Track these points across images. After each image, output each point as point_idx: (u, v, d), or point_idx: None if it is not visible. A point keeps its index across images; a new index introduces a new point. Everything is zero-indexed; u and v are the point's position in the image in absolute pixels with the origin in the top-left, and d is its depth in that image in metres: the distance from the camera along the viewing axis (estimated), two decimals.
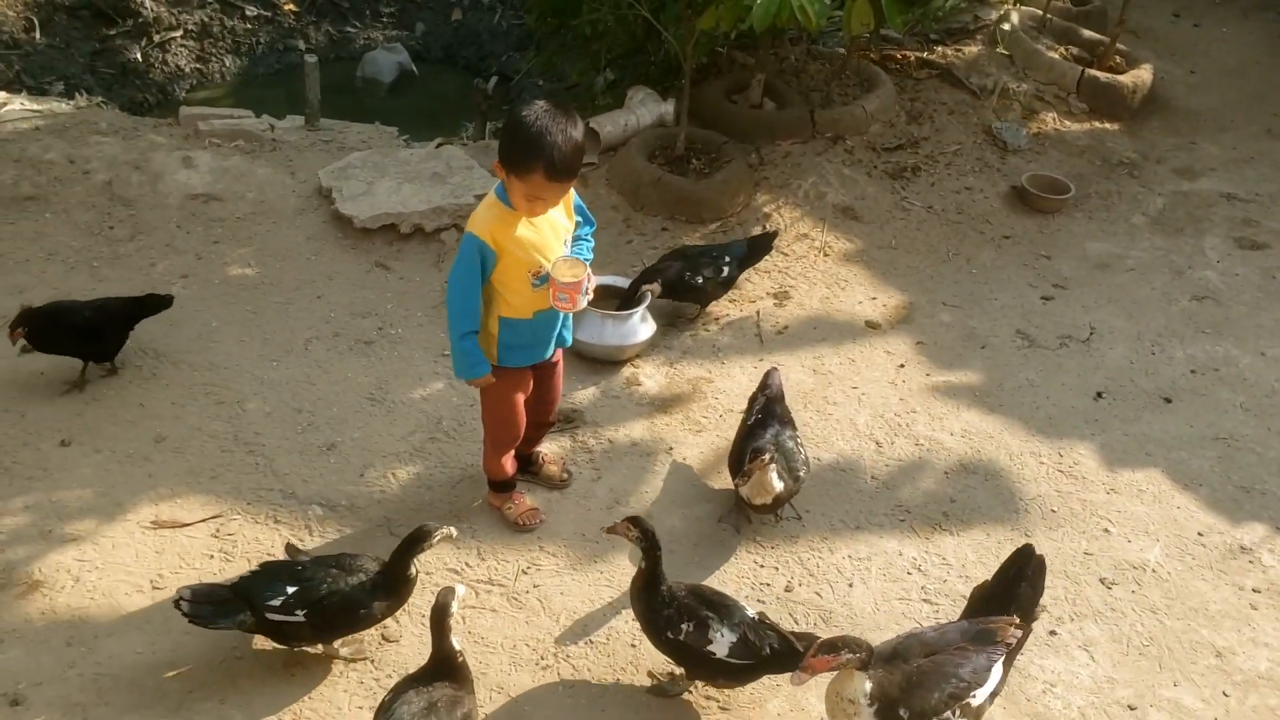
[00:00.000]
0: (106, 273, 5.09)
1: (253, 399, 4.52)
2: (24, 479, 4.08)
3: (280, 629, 3.42)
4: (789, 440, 4.07)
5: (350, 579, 3.43)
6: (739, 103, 6.44)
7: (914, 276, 5.72)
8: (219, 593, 3.43)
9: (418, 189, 5.55)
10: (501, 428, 3.98)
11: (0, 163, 5.52)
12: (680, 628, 3.39)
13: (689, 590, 3.49)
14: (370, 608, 3.44)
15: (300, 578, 3.41)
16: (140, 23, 9.67)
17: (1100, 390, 5.06)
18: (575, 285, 3.56)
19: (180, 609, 3.36)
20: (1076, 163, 6.76)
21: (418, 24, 10.82)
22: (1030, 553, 3.43)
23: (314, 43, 10.35)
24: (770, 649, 3.38)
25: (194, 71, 9.76)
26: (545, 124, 3.36)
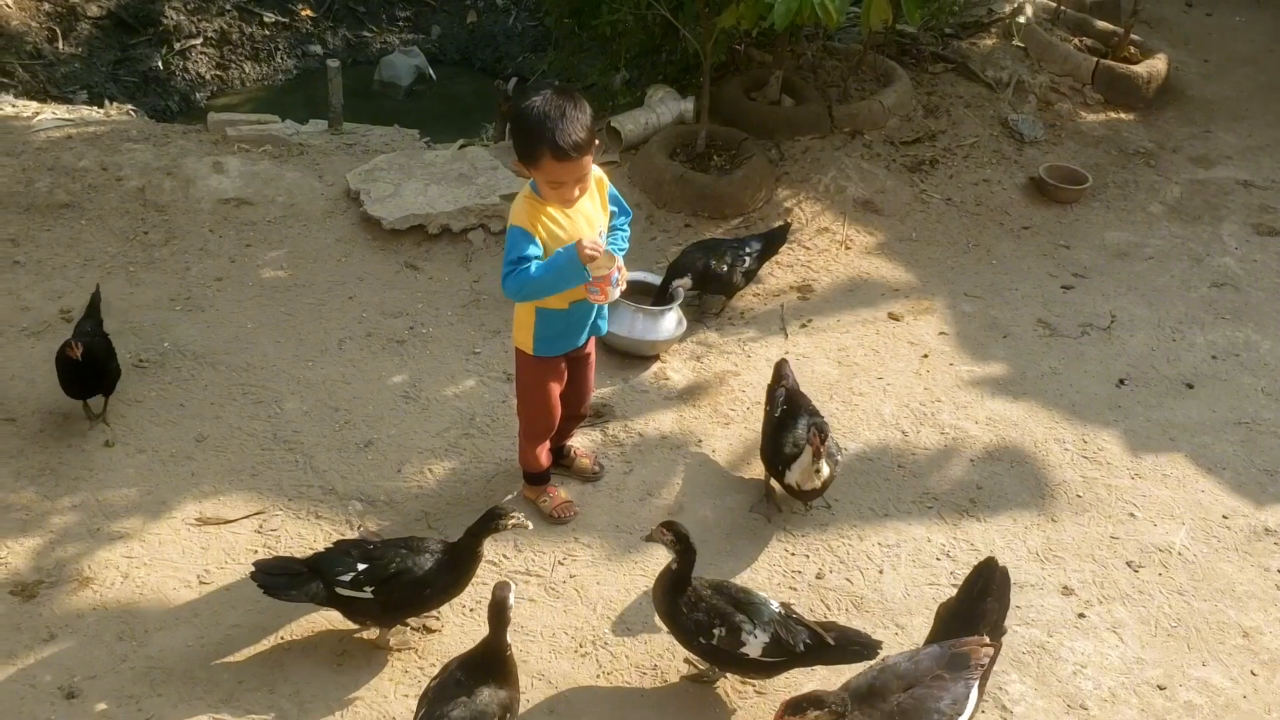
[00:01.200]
0: (143, 276, 5.19)
1: (290, 398, 4.61)
2: (70, 479, 4.18)
3: (348, 604, 3.53)
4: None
5: (418, 559, 3.53)
6: (757, 99, 6.51)
7: (935, 268, 5.78)
8: (293, 565, 3.56)
9: (444, 190, 5.64)
10: (536, 419, 4.06)
11: (36, 171, 5.63)
12: (712, 633, 3.43)
13: (714, 589, 3.52)
14: (435, 586, 3.54)
15: (370, 556, 3.52)
16: (161, 31, 9.78)
17: (1122, 377, 5.12)
18: (606, 277, 3.65)
19: (254, 579, 3.49)
20: (1093, 153, 6.81)
21: (433, 27, 10.91)
22: (993, 566, 3.38)
23: (331, 47, 10.45)
24: (804, 645, 3.43)
25: (214, 78, 9.87)
26: (544, 109, 3.46)
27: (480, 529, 3.54)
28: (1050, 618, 3.96)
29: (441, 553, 3.58)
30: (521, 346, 3.92)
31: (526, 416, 4.09)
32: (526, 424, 4.10)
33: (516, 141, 3.57)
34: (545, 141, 3.44)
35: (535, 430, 4.10)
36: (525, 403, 4.06)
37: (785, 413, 4.22)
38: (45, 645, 3.58)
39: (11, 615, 3.67)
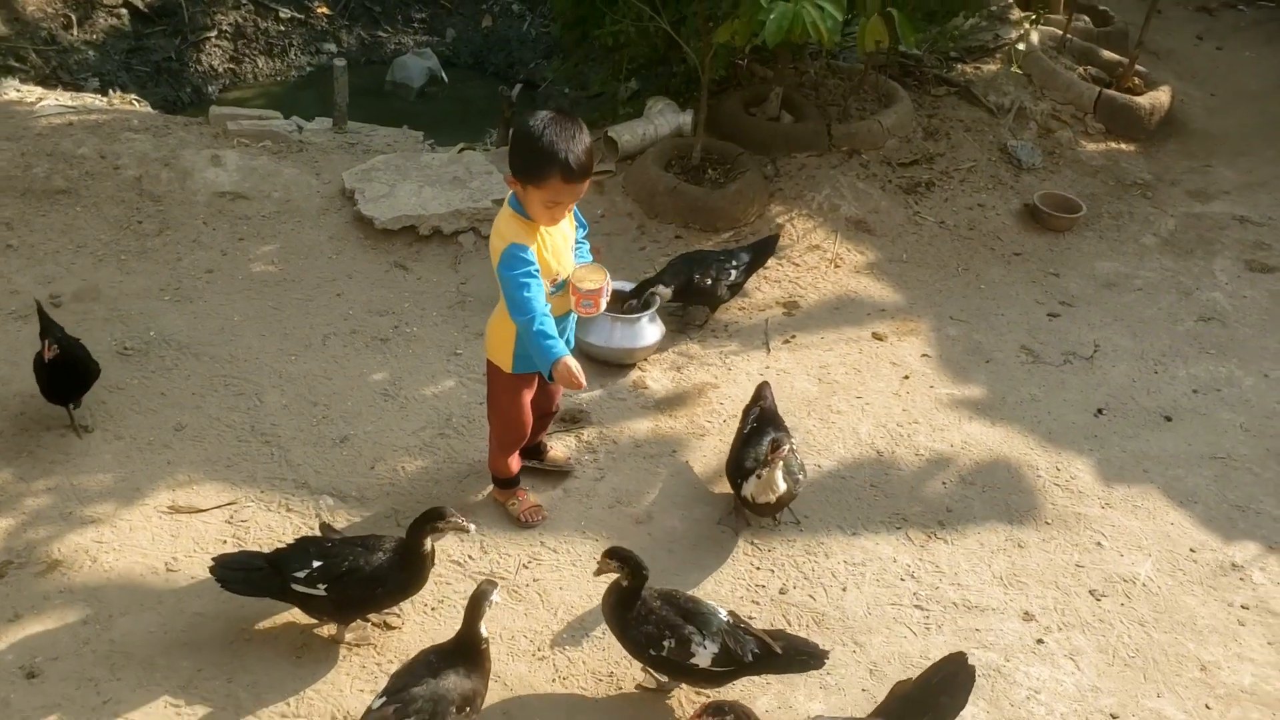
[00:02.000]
0: (134, 265, 5.25)
1: (271, 391, 4.66)
2: (47, 463, 4.23)
3: (304, 600, 3.57)
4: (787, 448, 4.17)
5: (371, 557, 3.56)
6: (757, 115, 6.55)
7: (923, 290, 5.80)
8: (253, 561, 3.60)
9: (438, 192, 5.69)
10: (509, 429, 4.10)
11: (35, 156, 5.70)
12: (662, 645, 3.45)
13: (663, 599, 3.54)
14: (386, 585, 3.56)
15: (326, 553, 3.56)
16: (176, 22, 9.89)
17: (1101, 407, 5.13)
18: (598, 291, 3.71)
19: (213, 574, 3.54)
20: (1090, 182, 6.83)
21: (448, 30, 10.99)
22: (961, 662, 3.31)
23: (345, 46, 10.53)
24: (752, 654, 3.46)
25: (227, 71, 9.96)
26: (555, 131, 3.49)
27: (418, 526, 3.56)
28: (1008, 642, 3.97)
29: (392, 551, 3.61)
30: (498, 363, 3.94)
31: (500, 428, 4.12)
32: (499, 434, 4.14)
33: (520, 160, 3.54)
34: (557, 163, 3.46)
35: (507, 441, 4.14)
36: (499, 415, 4.09)
37: (754, 430, 4.25)
38: (9, 625, 3.63)
39: None
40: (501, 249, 3.61)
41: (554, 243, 3.73)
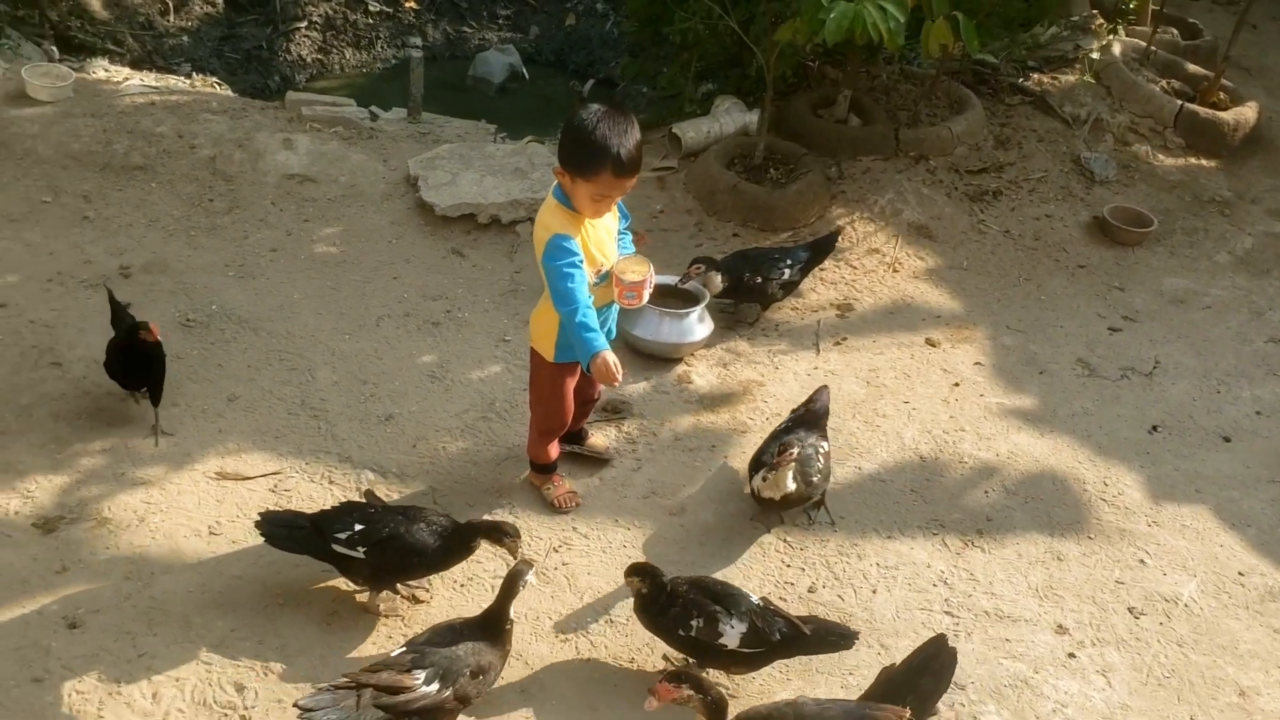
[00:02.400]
0: (202, 241, 5.42)
1: (323, 368, 4.78)
2: (105, 425, 4.39)
3: (342, 561, 3.67)
4: (810, 448, 4.14)
5: (412, 527, 3.65)
6: (824, 117, 6.52)
7: (981, 299, 5.73)
8: (297, 519, 3.72)
9: (499, 182, 5.77)
10: (550, 416, 4.15)
11: (116, 133, 5.92)
12: (690, 624, 3.49)
13: (690, 584, 3.58)
14: (424, 557, 3.65)
15: (369, 518, 3.66)
16: (268, 12, 10.16)
17: (1156, 424, 5.02)
18: (641, 283, 3.74)
19: (258, 527, 3.66)
20: (1165, 198, 6.67)
21: (532, 27, 11.11)
22: (941, 645, 3.33)
23: (431, 40, 10.71)
24: (779, 634, 3.48)
25: (315, 62, 10.19)
26: (608, 125, 3.52)
27: (483, 528, 3.66)
28: (1039, 654, 3.90)
29: (439, 528, 3.69)
30: (541, 351, 4.00)
31: (541, 414, 4.17)
32: (540, 421, 4.19)
33: (571, 152, 3.57)
34: (609, 158, 3.50)
35: (547, 427, 4.19)
36: (541, 402, 4.14)
37: (787, 428, 4.24)
38: (57, 577, 3.77)
39: (30, 546, 3.87)
40: (546, 239, 3.65)
41: (597, 235, 3.76)
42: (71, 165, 5.77)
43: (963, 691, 3.73)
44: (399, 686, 3.18)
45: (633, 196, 5.96)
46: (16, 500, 4.02)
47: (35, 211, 5.48)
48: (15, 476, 4.11)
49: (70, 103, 6.12)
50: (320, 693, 3.17)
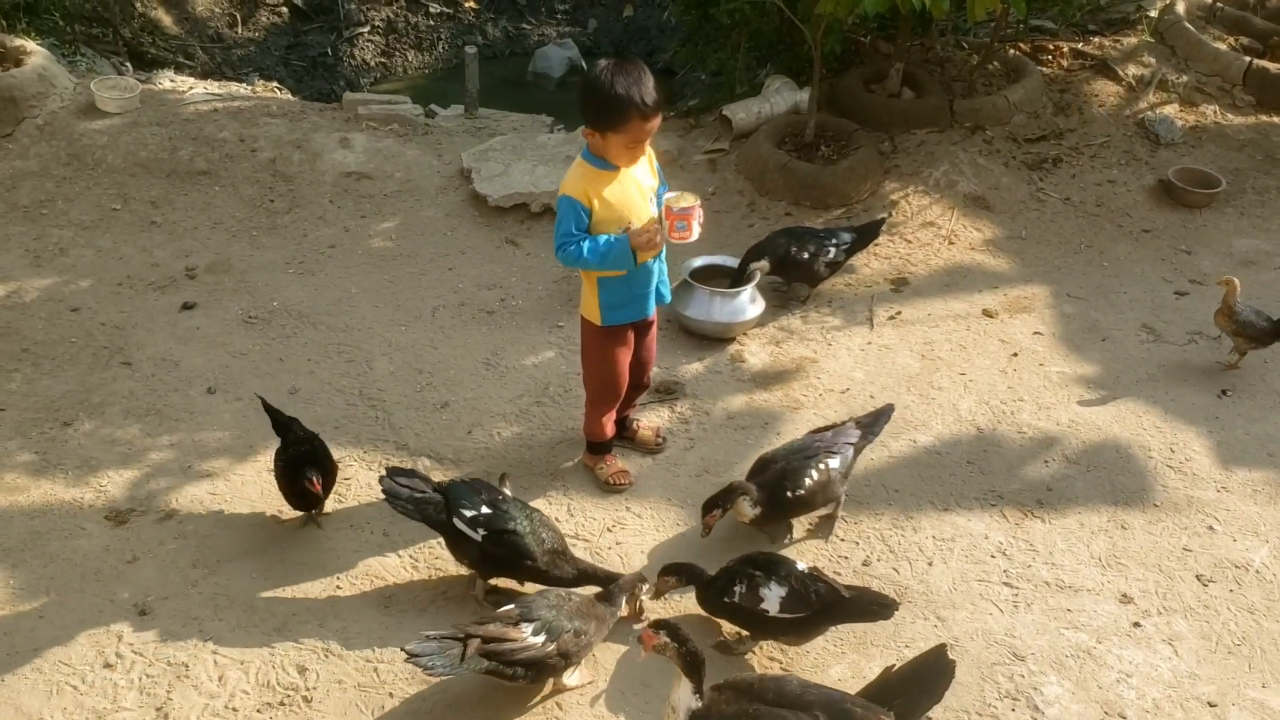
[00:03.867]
0: (264, 241, 5.56)
1: (380, 359, 4.87)
2: (172, 420, 4.53)
3: (457, 538, 3.70)
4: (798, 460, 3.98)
5: (537, 531, 3.69)
6: (876, 92, 6.45)
7: (1041, 267, 5.62)
8: (421, 484, 3.74)
9: (550, 170, 5.82)
10: (603, 387, 4.18)
11: (181, 140, 6.10)
12: (733, 590, 3.54)
13: (739, 559, 3.64)
14: (537, 564, 3.66)
15: (498, 505, 3.70)
16: (332, 19, 10.36)
17: (1225, 388, 4.88)
18: (690, 211, 3.72)
19: (382, 483, 3.72)
20: (1235, 157, 6.47)
21: (590, 20, 11.17)
22: (939, 655, 3.18)
23: (491, 38, 10.82)
24: (816, 596, 3.49)
25: (378, 65, 10.37)
26: (623, 77, 3.62)
27: (614, 583, 3.65)
28: (1101, 624, 3.82)
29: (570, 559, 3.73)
30: (589, 317, 4.05)
31: (594, 385, 4.21)
32: (594, 392, 4.22)
33: (597, 111, 3.66)
34: (634, 106, 3.60)
35: (603, 397, 4.22)
36: (593, 372, 4.18)
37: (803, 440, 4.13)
38: (128, 566, 3.91)
39: (103, 537, 4.02)
40: (558, 196, 3.80)
41: (625, 193, 3.81)
42: (139, 173, 5.96)
43: (1023, 663, 3.68)
44: (505, 637, 3.27)
45: (684, 178, 5.99)
46: (90, 494, 4.18)
47: (106, 218, 5.68)
48: (89, 472, 4.27)
49: (137, 113, 6.31)
50: (427, 640, 3.25)
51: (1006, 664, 3.67)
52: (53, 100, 6.27)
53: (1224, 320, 4.79)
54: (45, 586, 3.80)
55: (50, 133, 6.12)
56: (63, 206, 5.73)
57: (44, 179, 5.88)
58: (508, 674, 3.32)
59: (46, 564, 3.88)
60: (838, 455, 4.00)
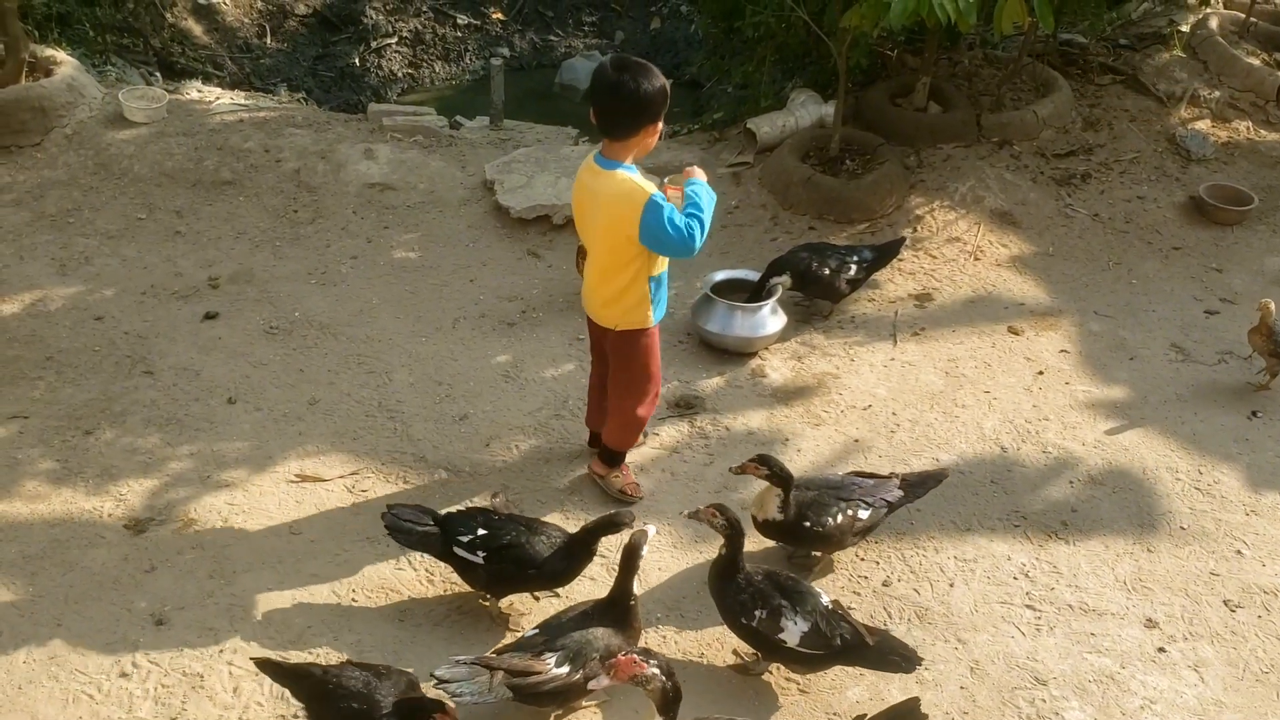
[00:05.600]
0: (287, 251, 5.57)
1: (400, 370, 4.87)
2: (192, 430, 4.54)
3: (461, 565, 3.71)
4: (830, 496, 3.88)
5: (533, 539, 3.68)
6: (903, 105, 6.41)
7: (1067, 285, 5.55)
8: (422, 517, 3.76)
9: (573, 183, 5.79)
10: (653, 391, 4.17)
11: (206, 150, 6.13)
12: (754, 614, 3.47)
13: (765, 575, 3.56)
14: (543, 570, 3.66)
15: (492, 524, 3.71)
16: (360, 30, 10.41)
17: (1256, 410, 4.79)
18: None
19: (384, 519, 3.74)
20: (1268, 174, 6.38)
21: (617, 32, 11.17)
22: (912, 708, 3.21)
23: (518, 50, 10.84)
24: (841, 639, 3.42)
25: (406, 76, 10.40)
26: (644, 77, 3.62)
27: (597, 529, 3.66)
28: (1126, 649, 3.76)
29: (559, 540, 3.72)
30: (640, 324, 3.99)
31: (644, 392, 4.14)
32: (644, 400, 4.15)
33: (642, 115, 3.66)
34: (664, 93, 3.67)
35: (651, 402, 4.19)
36: (643, 378, 4.12)
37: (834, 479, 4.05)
38: (145, 575, 3.91)
39: (121, 546, 4.02)
40: (643, 200, 3.68)
41: None
42: (165, 182, 6.00)
43: (1044, 687, 3.62)
44: (530, 670, 3.25)
45: None
46: (110, 503, 4.18)
47: (131, 228, 5.71)
48: (109, 480, 4.28)
49: (164, 123, 6.35)
50: (457, 665, 3.25)
51: (1028, 688, 3.61)
52: (81, 110, 6.32)
53: (1259, 340, 4.71)
54: (63, 595, 3.81)
55: (78, 142, 6.16)
56: (89, 215, 5.77)
57: (71, 188, 5.92)
58: (534, 704, 3.32)
59: (65, 572, 3.89)
60: (870, 508, 3.90)
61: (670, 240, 3.70)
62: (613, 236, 3.79)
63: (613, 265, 3.86)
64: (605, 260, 3.88)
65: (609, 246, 3.83)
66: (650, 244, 3.74)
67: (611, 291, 3.94)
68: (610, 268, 3.88)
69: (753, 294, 4.99)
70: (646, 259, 3.84)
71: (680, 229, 3.68)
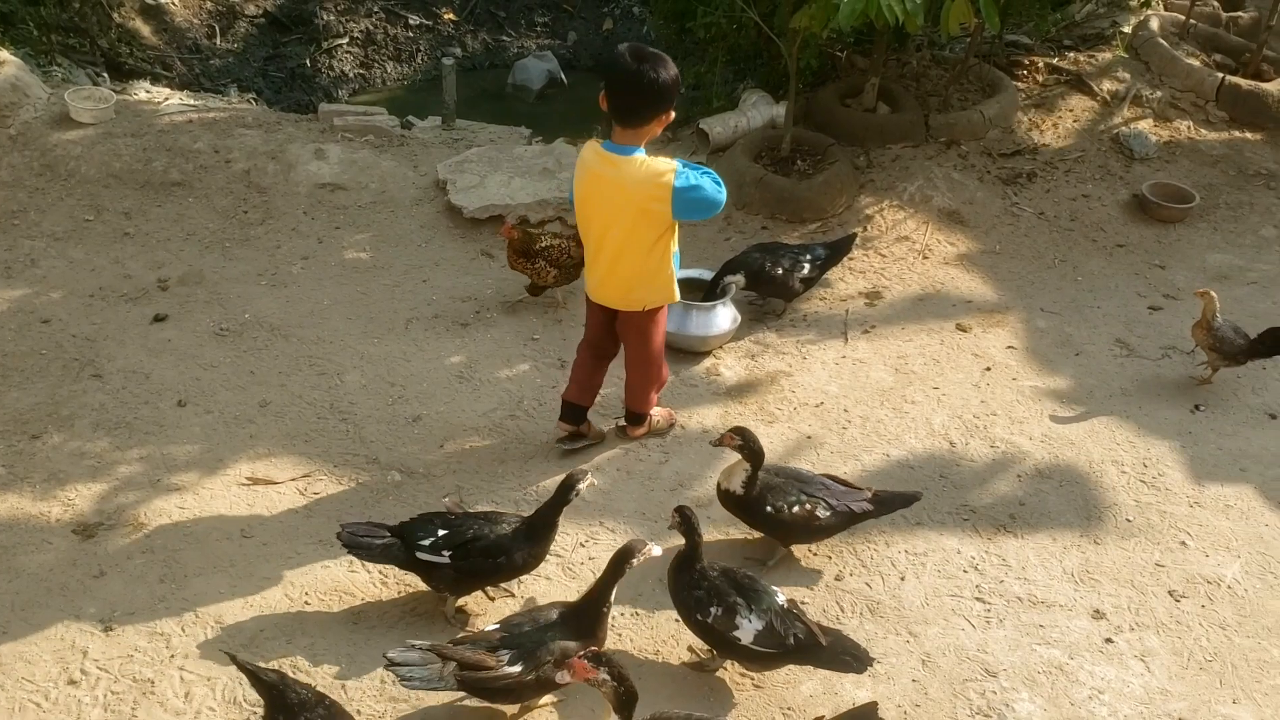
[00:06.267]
0: (237, 252, 5.53)
1: (351, 372, 4.84)
2: (142, 433, 4.49)
3: (427, 568, 3.70)
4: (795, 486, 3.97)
5: (495, 528, 3.71)
6: (852, 106, 6.47)
7: (1014, 282, 5.64)
8: (377, 530, 3.75)
9: (526, 183, 5.81)
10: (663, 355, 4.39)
11: (155, 151, 6.06)
12: (709, 610, 3.49)
13: (722, 573, 3.58)
14: (510, 557, 3.69)
15: (451, 524, 3.71)
16: (311, 30, 10.32)
17: (1199, 403, 4.90)
18: None
19: (340, 538, 3.70)
20: (1208, 172, 6.51)
21: (570, 33, 11.16)
22: (871, 712, 3.26)
23: (471, 50, 10.80)
24: (795, 639, 3.45)
25: (357, 76, 10.32)
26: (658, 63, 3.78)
27: (560, 500, 3.71)
28: (1074, 640, 3.82)
29: (518, 524, 3.74)
30: (667, 298, 4.19)
31: (658, 364, 4.37)
32: (657, 371, 4.38)
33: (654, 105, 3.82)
34: (677, 92, 3.86)
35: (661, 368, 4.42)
36: (659, 350, 4.33)
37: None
38: (95, 581, 3.86)
39: (70, 552, 3.96)
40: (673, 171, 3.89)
41: None
42: (113, 184, 5.92)
43: (995, 679, 3.68)
44: (482, 664, 3.24)
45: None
46: (57, 508, 4.13)
47: (79, 229, 5.63)
48: (57, 485, 4.22)
49: (112, 124, 6.27)
50: (410, 649, 3.25)
51: (979, 680, 3.66)
52: (26, 110, 6.23)
53: (1201, 334, 4.81)
54: (9, 601, 3.75)
55: (23, 143, 6.07)
56: (35, 217, 5.68)
57: (16, 189, 5.83)
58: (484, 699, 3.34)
59: (12, 578, 3.83)
60: (831, 511, 3.94)
61: (705, 194, 3.91)
62: (644, 218, 3.92)
63: (638, 247, 3.98)
64: (627, 244, 3.99)
65: (633, 229, 3.95)
66: (685, 209, 3.92)
67: (638, 274, 4.06)
68: (634, 251, 3.99)
69: (707, 293, 5.02)
70: (669, 235, 4.00)
71: (705, 180, 3.92)
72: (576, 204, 4.09)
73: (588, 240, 4.14)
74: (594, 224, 4.06)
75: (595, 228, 4.06)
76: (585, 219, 4.09)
